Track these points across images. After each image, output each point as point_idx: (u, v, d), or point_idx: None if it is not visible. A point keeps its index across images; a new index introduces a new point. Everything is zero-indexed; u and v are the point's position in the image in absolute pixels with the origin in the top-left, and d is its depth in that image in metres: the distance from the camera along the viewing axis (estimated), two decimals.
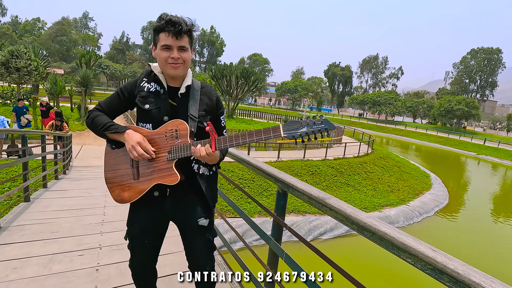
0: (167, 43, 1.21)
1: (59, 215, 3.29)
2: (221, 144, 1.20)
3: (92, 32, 79.82)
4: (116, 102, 1.39)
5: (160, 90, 1.32)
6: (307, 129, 1.08)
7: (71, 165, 8.20)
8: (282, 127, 1.11)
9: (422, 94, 67.37)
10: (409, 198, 12.60)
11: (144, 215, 1.38)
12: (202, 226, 1.39)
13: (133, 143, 1.24)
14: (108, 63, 54.43)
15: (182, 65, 1.27)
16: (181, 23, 1.20)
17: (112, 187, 1.38)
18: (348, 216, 1.04)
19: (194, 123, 1.30)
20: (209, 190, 1.38)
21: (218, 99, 1.41)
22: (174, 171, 1.26)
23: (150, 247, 1.44)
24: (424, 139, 38.64)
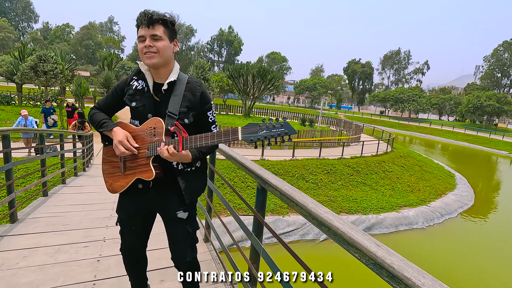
0: (141, 33, 1.26)
1: (72, 209, 3.49)
2: (187, 144, 1.22)
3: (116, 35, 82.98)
4: (110, 100, 1.50)
5: (145, 87, 1.39)
6: (266, 132, 1.07)
7: (92, 163, 8.61)
8: (240, 130, 1.11)
9: (449, 90, 64.16)
10: (430, 199, 12.09)
11: (130, 203, 1.47)
12: (181, 218, 1.44)
13: (116, 141, 1.33)
14: (130, 64, 56.38)
15: (157, 54, 1.28)
16: (152, 13, 1.25)
17: (106, 178, 1.48)
18: (309, 211, 1.05)
19: (172, 121, 1.33)
20: (188, 186, 1.42)
21: (204, 94, 1.41)
22: (150, 167, 1.32)
23: (137, 233, 1.51)
24: (451, 137, 36.82)
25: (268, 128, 1.07)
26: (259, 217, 1.50)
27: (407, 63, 70.22)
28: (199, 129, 1.41)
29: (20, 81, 13.83)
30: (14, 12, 75.73)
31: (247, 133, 1.10)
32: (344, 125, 23.69)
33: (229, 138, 1.14)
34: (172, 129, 1.22)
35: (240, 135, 1.11)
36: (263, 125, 1.09)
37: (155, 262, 2.29)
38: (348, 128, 22.22)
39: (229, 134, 1.14)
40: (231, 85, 28.54)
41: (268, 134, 1.07)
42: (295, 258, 1.18)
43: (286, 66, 73.06)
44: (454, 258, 8.13)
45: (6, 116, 14.48)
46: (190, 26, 74.80)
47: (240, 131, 1.11)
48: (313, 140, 16.12)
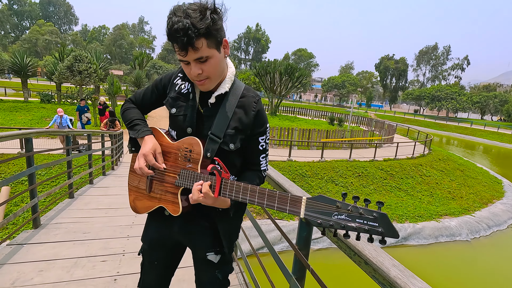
0: (180, 58, 0.93)
1: (95, 214, 3.38)
2: (226, 192, 0.92)
3: (148, 35, 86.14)
4: (149, 95, 1.21)
5: (191, 93, 1.08)
6: (346, 220, 0.71)
7: (121, 161, 8.75)
8: (305, 202, 0.77)
9: (493, 87, 59.01)
10: (475, 207, 10.99)
11: (154, 231, 1.20)
12: (211, 261, 1.14)
13: (140, 153, 1.06)
14: (161, 63, 58.20)
15: (209, 79, 0.98)
16: (187, 30, 0.84)
17: (131, 190, 1.23)
18: (393, 282, 0.69)
19: (214, 145, 1.01)
20: (226, 228, 1.11)
21: (260, 113, 1.08)
22: (177, 200, 1.03)
23: (158, 271, 1.23)
24: (495, 138, 33.76)
25: (351, 215, 0.71)
26: (303, 259, 1.16)
27: (445, 58, 65.65)
28: (245, 157, 1.11)
29: (58, 80, 14.57)
30: (57, 16, 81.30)
31: (315, 211, 0.75)
32: (376, 125, 22.48)
33: (286, 208, 0.80)
34: (210, 168, 0.92)
35: (302, 210, 0.77)
36: (343, 206, 0.72)
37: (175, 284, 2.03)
38: (380, 128, 21.06)
39: (287, 203, 0.80)
40: (257, 83, 28.29)
41: (349, 224, 0.70)
42: None
43: (313, 63, 71.43)
44: (504, 275, 7.22)
45: (47, 113, 15.37)
46: None
47: (304, 204, 0.77)
48: (343, 141, 15.39)
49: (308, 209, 0.76)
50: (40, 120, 14.13)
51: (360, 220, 0.69)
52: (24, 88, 16.92)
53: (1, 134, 2.28)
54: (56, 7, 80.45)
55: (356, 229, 0.69)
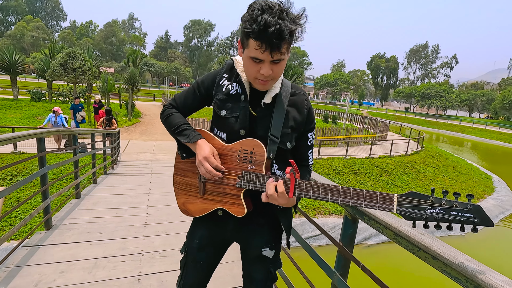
0: (258, 56, 0.90)
1: (106, 214, 3.34)
2: (302, 192, 0.94)
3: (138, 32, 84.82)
4: (191, 98, 1.18)
5: (241, 94, 1.07)
6: (441, 214, 0.75)
7: (119, 160, 8.64)
8: (397, 199, 0.80)
9: (481, 85, 60.44)
10: None
11: (205, 231, 1.20)
12: (266, 257, 1.17)
13: (201, 157, 1.04)
14: (153, 61, 57.44)
15: (272, 80, 0.99)
16: (282, 32, 0.84)
17: (179, 193, 1.22)
18: (471, 276, 0.72)
19: (274, 146, 1.03)
20: (286, 221, 1.14)
21: (310, 111, 1.11)
22: (241, 201, 1.04)
23: (203, 269, 1.25)
24: (483, 135, 34.64)
25: (445, 209, 0.75)
26: (350, 256, 1.18)
27: (435, 57, 66.82)
28: (294, 153, 1.13)
29: (51, 78, 14.24)
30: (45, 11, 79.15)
31: (407, 206, 0.79)
32: (369, 122, 22.78)
33: (376, 205, 0.83)
34: (288, 170, 0.93)
35: (395, 205, 0.80)
36: (436, 200, 0.76)
37: None
38: (373, 126, 21.34)
39: (377, 200, 0.83)
40: None
41: (444, 216, 0.75)
42: None
43: (306, 61, 71.70)
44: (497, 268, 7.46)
45: (38, 112, 15.01)
46: (209, 21, 75.07)
47: (397, 200, 0.80)
48: (338, 138, 15.55)
49: (400, 204, 0.79)
50: (32, 119, 13.80)
51: (455, 212, 0.74)
52: (13, 86, 16.47)
53: (16, 134, 2.23)
54: (43, 2, 78.28)
55: (450, 221, 0.73)
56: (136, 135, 14.58)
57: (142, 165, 7.78)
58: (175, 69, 58.36)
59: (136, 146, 11.96)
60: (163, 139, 14.17)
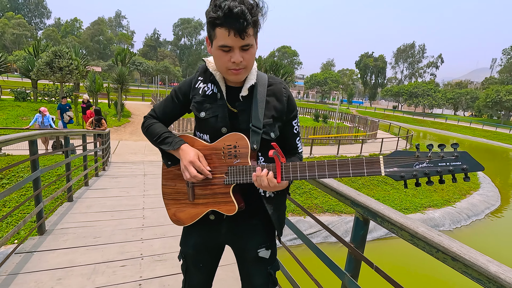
0: (227, 43, 0.90)
1: (101, 217, 3.26)
2: (289, 174, 0.94)
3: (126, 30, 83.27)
4: (170, 107, 1.18)
5: (217, 93, 1.07)
6: (429, 167, 0.73)
7: (110, 161, 8.47)
8: (383, 160, 0.78)
9: (465, 84, 62.16)
10: (455, 199, 11.58)
11: (198, 237, 1.19)
12: (263, 258, 1.15)
13: (186, 162, 1.03)
14: (141, 60, 56.52)
15: (245, 69, 0.98)
16: (245, 14, 0.86)
17: (169, 204, 1.19)
18: (494, 277, 0.73)
19: (257, 137, 1.03)
20: (277, 215, 1.13)
21: (290, 98, 1.11)
22: (231, 198, 1.03)
23: (206, 270, 1.24)
24: (468, 133, 35.66)
25: (432, 161, 0.73)
26: (363, 257, 1.19)
27: (421, 56, 68.28)
28: (283, 142, 1.12)
29: (36, 77, 13.81)
30: (27, 8, 76.67)
31: (395, 165, 0.77)
32: (359, 121, 23.10)
33: (363, 171, 0.82)
34: (271, 153, 0.91)
35: (382, 168, 0.78)
36: (422, 154, 0.75)
37: None
38: (363, 124, 21.66)
39: (363, 166, 0.81)
40: None
41: (432, 169, 0.73)
42: None
43: (297, 61, 72.03)
44: None
45: (22, 112, 14.56)
46: (199, 20, 74.43)
47: (383, 161, 0.78)
48: (330, 137, 15.70)
49: (387, 166, 0.78)
50: (17, 119, 13.38)
51: (443, 163, 0.72)
52: None
53: (7, 137, 2.15)
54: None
55: (440, 173, 0.72)
56: (126, 135, 14.33)
57: (134, 166, 7.64)
58: (165, 68, 57.63)
59: (126, 147, 11.76)
60: None
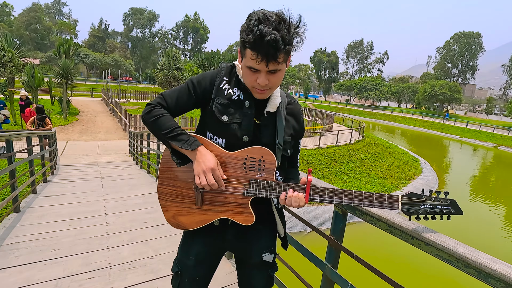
0: (254, 66, 0.91)
1: (57, 227, 2.98)
2: (317, 197, 1.01)
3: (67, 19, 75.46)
4: (184, 99, 1.08)
5: (244, 101, 1.04)
6: (430, 208, 0.93)
7: (58, 164, 7.72)
8: (401, 200, 0.95)
9: (407, 79, 68.40)
10: (402, 184, 12.80)
11: (202, 246, 1.14)
12: (266, 261, 1.17)
13: (206, 168, 0.97)
14: (87, 52, 51.93)
15: (270, 90, 1.00)
16: (277, 43, 0.85)
17: (166, 206, 1.11)
18: (462, 257, 0.84)
19: (280, 154, 1.05)
20: (281, 221, 1.18)
21: (303, 120, 1.18)
22: (249, 209, 1.02)
23: (199, 284, 1.19)
24: (410, 123, 39.45)
25: (433, 204, 0.93)
26: (344, 248, 1.27)
27: (369, 53, 73.26)
28: (287, 157, 1.15)
29: None
30: None
31: (408, 204, 0.95)
32: (316, 115, 24.13)
33: (384, 205, 0.96)
34: (310, 179, 1.00)
35: (400, 205, 0.95)
36: (427, 198, 0.94)
37: None
38: (320, 118, 22.67)
39: (385, 201, 0.96)
40: None
41: (431, 209, 0.93)
42: None
43: None
44: None
45: None
46: (152, 11, 70.49)
47: (401, 201, 0.95)
48: None
49: (403, 204, 0.95)
50: None
51: (439, 206, 0.93)
52: None
53: None
54: None
55: (435, 213, 0.93)
56: (75, 135, 13.15)
57: (87, 168, 7.08)
58: (115, 61, 53.72)
59: (76, 148, 10.80)
60: (108, 139, 13.05)
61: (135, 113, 18.51)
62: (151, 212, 3.55)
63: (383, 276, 1.11)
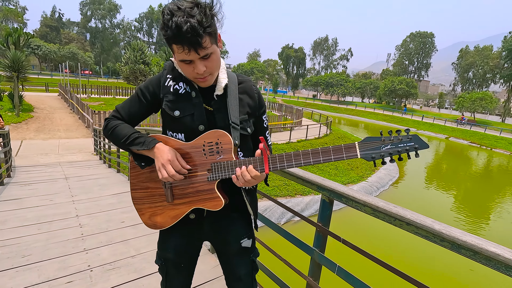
0: (185, 58, 0.92)
1: (24, 232, 2.79)
2: (276, 165, 0.99)
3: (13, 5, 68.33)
4: (136, 107, 1.11)
5: (191, 92, 1.06)
6: (392, 148, 0.89)
7: (14, 165, 7.11)
8: (358, 146, 0.92)
9: (369, 75, 72.05)
10: (367, 175, 13.59)
11: (179, 238, 1.18)
12: (246, 247, 1.21)
13: (164, 160, 1.00)
14: (39, 42, 47.63)
15: (211, 75, 1.01)
16: (196, 29, 0.85)
17: (141, 209, 1.15)
18: (438, 233, 0.97)
19: (237, 133, 1.06)
20: (253, 205, 1.19)
21: (260, 95, 1.16)
22: (216, 193, 1.04)
23: (186, 271, 1.25)
24: (373, 117, 41.76)
25: (394, 143, 0.90)
26: (331, 233, 1.38)
27: (334, 49, 75.88)
28: (254, 137, 1.18)
29: None
30: None
31: (367, 149, 0.91)
32: (286, 110, 24.61)
33: (343, 155, 0.93)
34: (261, 146, 0.96)
35: (358, 151, 0.91)
36: (386, 138, 0.90)
37: None
38: (290, 113, 23.16)
39: (342, 151, 0.93)
40: None
41: (394, 149, 0.89)
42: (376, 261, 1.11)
43: (223, 50, 71.40)
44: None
45: None
46: (113, 2, 66.30)
47: (358, 146, 0.92)
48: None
49: (361, 150, 0.91)
50: None
51: (401, 144, 0.89)
52: None
53: None
54: None
55: (399, 152, 0.90)
56: (31, 133, 12.12)
57: (49, 169, 6.60)
58: (71, 53, 49.90)
59: (33, 147, 9.98)
60: (69, 137, 12.21)
61: (99, 109, 17.47)
62: (128, 211, 3.44)
63: (368, 256, 1.22)
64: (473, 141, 28.68)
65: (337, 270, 1.33)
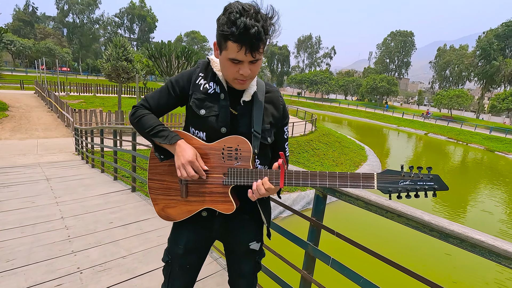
0: (238, 58, 0.93)
1: (6, 236, 2.68)
2: (292, 181, 1.01)
3: None
4: (165, 99, 1.14)
5: (220, 93, 1.07)
6: (410, 184, 0.89)
7: None
8: (376, 177, 0.93)
9: (352, 73, 73.47)
10: (351, 170, 13.86)
11: (191, 234, 1.19)
12: (253, 250, 1.23)
13: (185, 160, 1.02)
14: (12, 37, 45.33)
15: (250, 80, 1.03)
16: (260, 34, 0.89)
17: (156, 199, 1.16)
18: (428, 223, 1.03)
19: (257, 142, 1.06)
20: (265, 210, 1.21)
21: (285, 107, 1.18)
22: (229, 198, 1.06)
23: (191, 273, 1.25)
24: (356, 114, 42.71)
25: (413, 180, 0.90)
26: (325, 227, 1.42)
27: (318, 47, 76.79)
28: (274, 147, 1.20)
29: None
30: None
31: (385, 181, 0.92)
32: None
33: (359, 184, 0.94)
34: (280, 162, 0.99)
35: (375, 183, 0.93)
36: (406, 174, 0.91)
37: None
38: None
39: (360, 180, 0.94)
40: (151, 66, 26.07)
41: (412, 186, 0.89)
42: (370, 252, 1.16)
43: (206, 47, 70.61)
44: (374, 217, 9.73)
45: None
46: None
47: (376, 178, 0.93)
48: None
49: (379, 182, 0.92)
50: None
51: (421, 182, 0.89)
52: None
53: None
54: None
55: (418, 189, 0.91)
56: (6, 133, 11.56)
57: (28, 170, 6.33)
58: (47, 49, 47.82)
59: (9, 147, 9.53)
60: (48, 136, 11.74)
61: (79, 107, 16.89)
62: (116, 211, 3.38)
63: (361, 247, 1.28)
64: (450, 136, 29.94)
65: (331, 262, 1.38)
